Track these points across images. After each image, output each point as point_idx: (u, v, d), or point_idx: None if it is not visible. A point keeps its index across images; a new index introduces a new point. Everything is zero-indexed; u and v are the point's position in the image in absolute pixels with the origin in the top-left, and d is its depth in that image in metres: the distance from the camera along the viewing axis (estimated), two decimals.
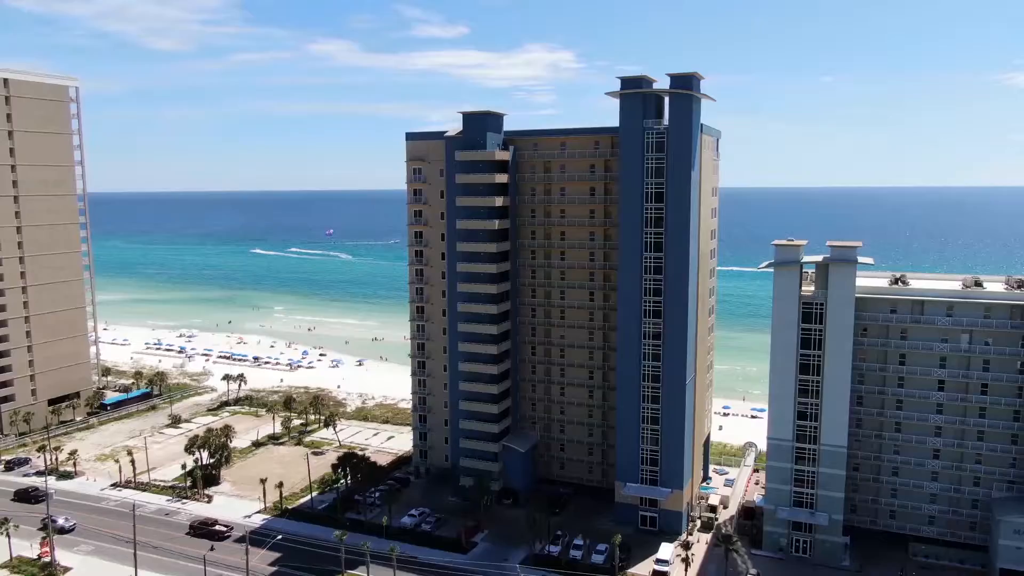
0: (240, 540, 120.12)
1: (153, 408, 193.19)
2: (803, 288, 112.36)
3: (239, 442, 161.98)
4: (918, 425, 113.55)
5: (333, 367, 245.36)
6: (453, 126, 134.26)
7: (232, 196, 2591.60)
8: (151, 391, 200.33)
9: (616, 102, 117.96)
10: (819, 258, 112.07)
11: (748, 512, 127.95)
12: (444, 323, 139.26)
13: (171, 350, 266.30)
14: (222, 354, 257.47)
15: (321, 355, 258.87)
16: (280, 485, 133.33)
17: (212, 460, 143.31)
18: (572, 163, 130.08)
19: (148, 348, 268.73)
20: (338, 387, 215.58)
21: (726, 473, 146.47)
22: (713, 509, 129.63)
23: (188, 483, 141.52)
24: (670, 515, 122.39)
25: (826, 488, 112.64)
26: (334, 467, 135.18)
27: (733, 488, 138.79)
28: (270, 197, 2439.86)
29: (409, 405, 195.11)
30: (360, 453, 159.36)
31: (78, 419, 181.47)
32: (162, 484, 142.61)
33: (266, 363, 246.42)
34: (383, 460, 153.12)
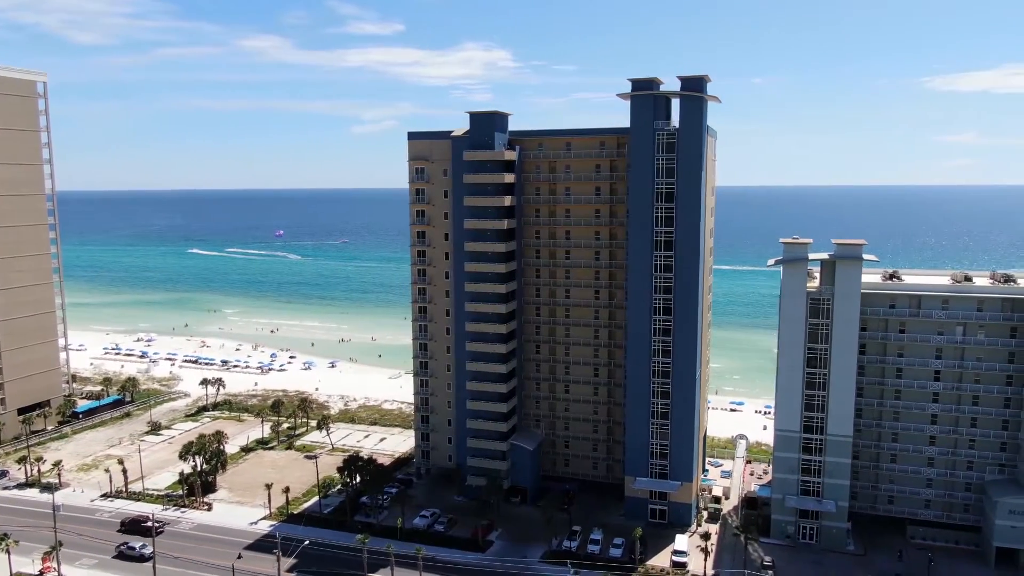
0: (253, 547, 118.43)
1: (127, 415, 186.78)
2: (808, 284, 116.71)
3: (228, 448, 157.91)
4: (915, 414, 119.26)
5: (305, 369, 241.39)
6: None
7: (165, 195, 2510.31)
8: (123, 398, 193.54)
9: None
10: (825, 255, 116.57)
11: (752, 502, 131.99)
12: (448, 323, 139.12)
13: (132, 355, 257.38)
14: (187, 358, 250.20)
15: (291, 358, 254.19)
16: (287, 490, 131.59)
17: (207, 467, 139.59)
18: (577, 163, 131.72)
19: (107, 353, 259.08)
20: (316, 389, 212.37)
21: (720, 465, 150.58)
22: (717, 500, 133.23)
23: (182, 491, 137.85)
24: (680, 507, 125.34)
25: (832, 476, 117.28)
26: (340, 470, 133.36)
27: (731, 479, 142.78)
28: (205, 196, 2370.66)
29: (395, 407, 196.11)
30: (366, 456, 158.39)
31: (49, 428, 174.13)
32: (156, 493, 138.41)
33: (235, 366, 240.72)
34: (382, 462, 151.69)
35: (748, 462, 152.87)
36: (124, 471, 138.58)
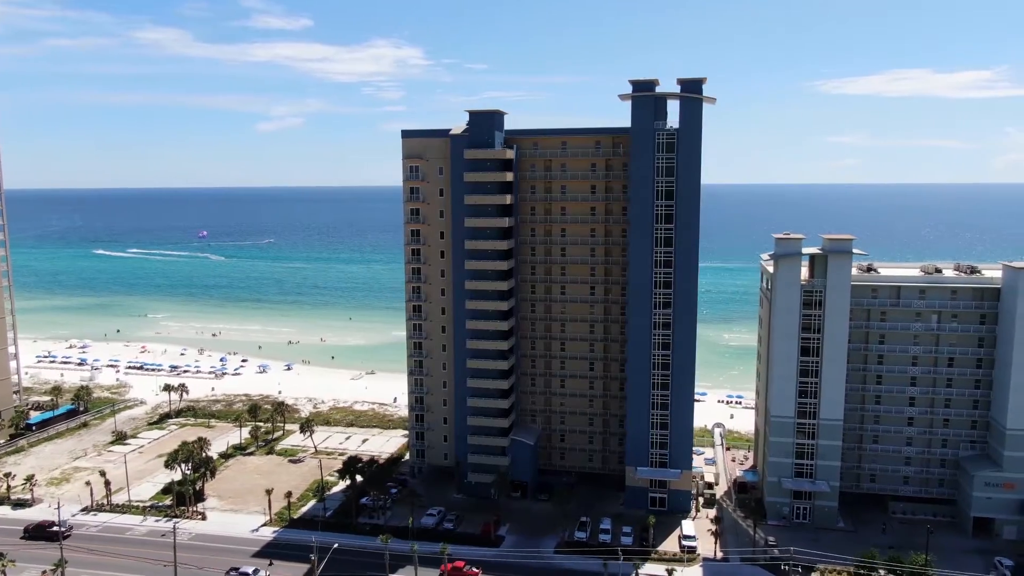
0: (261, 555, 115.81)
1: (85, 425, 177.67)
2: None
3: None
4: (896, 397, 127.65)
5: (261, 373, 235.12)
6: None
7: (57, 194, 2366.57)
8: (77, 407, 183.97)
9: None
10: (815, 249, 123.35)
11: (742, 486, 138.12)
12: (443, 321, 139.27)
13: (69, 362, 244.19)
14: (132, 364, 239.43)
15: (243, 361, 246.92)
16: (289, 495, 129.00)
17: (195, 475, 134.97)
18: (573, 162, 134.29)
19: (41, 361, 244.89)
20: (279, 393, 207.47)
21: (703, 453, 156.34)
22: (710, 486, 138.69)
23: (169, 501, 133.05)
24: (679, 494, 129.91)
25: (824, 458, 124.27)
26: (340, 472, 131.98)
27: (716, 466, 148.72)
28: (102, 195, 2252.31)
29: (366, 408, 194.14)
30: (368, 457, 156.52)
31: (1, 441, 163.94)
32: (141, 505, 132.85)
33: (186, 372, 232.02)
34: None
35: (727, 448, 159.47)
36: (107, 483, 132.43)
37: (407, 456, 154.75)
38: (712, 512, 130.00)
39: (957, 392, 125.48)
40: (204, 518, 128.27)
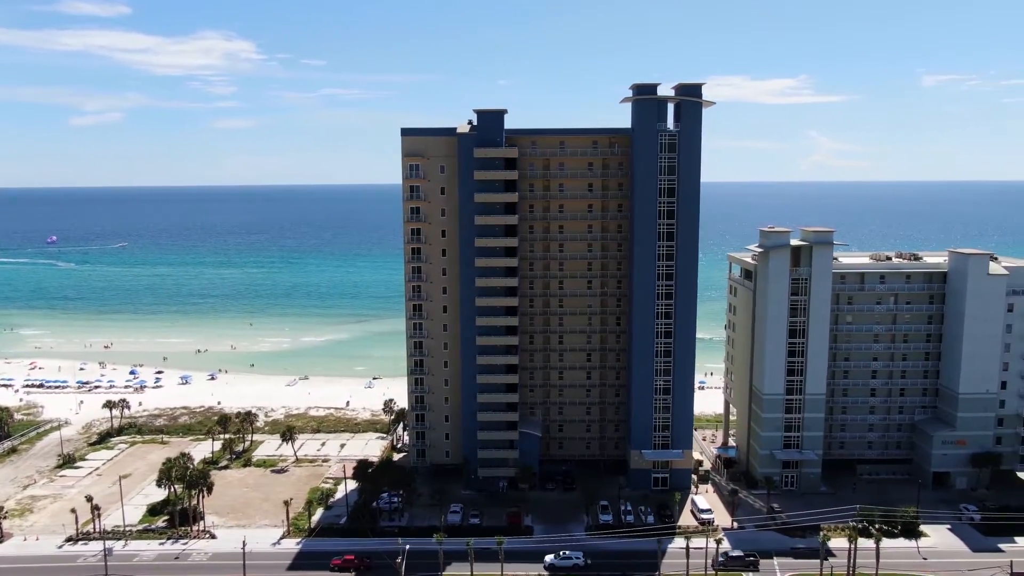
0: (296, 567, 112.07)
1: (14, 451, 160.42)
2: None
3: None
4: (860, 370, 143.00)
5: (184, 384, 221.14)
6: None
7: None
8: None
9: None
10: (797, 241, 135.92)
11: (728, 462, 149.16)
12: (445, 320, 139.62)
13: None
14: (30, 383, 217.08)
15: (159, 373, 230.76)
16: (309, 504, 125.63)
17: (192, 492, 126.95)
18: (571, 161, 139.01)
19: None
20: (219, 403, 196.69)
21: None
22: (700, 464, 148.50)
23: (161, 523, 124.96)
24: (680, 473, 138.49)
25: (810, 430, 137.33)
26: (355, 475, 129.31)
27: (700, 444, 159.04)
28: None
29: (324, 413, 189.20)
30: (335, 463, 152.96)
31: None
32: (133, 529, 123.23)
33: (97, 387, 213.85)
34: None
35: (695, 429, 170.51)
36: (96, 508, 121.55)
37: (396, 457, 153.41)
38: (709, 487, 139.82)
39: (912, 365, 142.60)
40: (213, 536, 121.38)
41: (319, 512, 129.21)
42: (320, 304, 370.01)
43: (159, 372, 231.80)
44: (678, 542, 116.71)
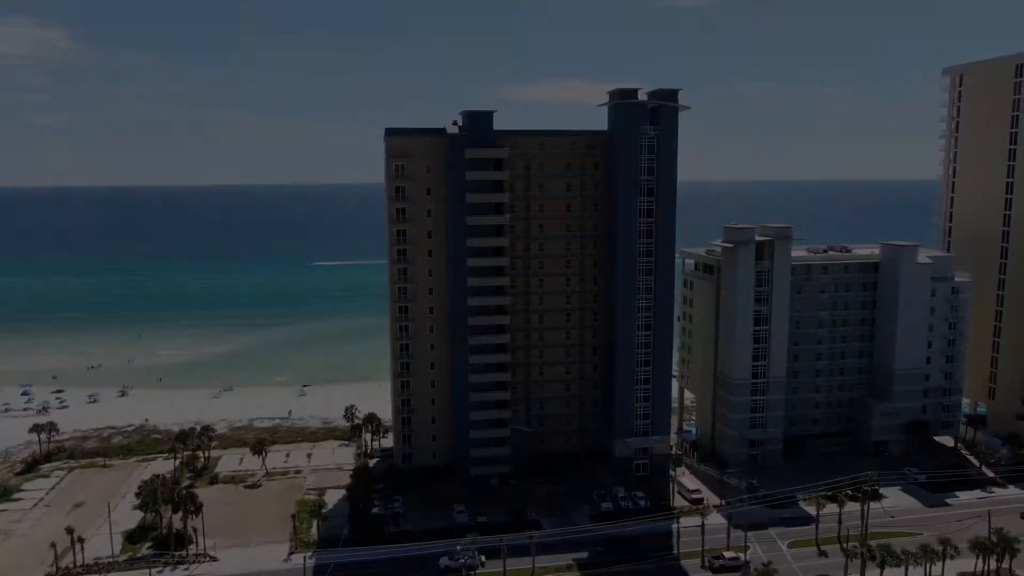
0: None
1: None
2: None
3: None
4: (808, 353, 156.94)
5: (93, 403, 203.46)
6: None
7: None
8: None
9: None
10: (759, 236, 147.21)
11: (694, 444, 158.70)
12: (431, 321, 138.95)
13: None
14: None
15: (58, 392, 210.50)
16: (319, 509, 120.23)
17: (179, 514, 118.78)
18: (550, 161, 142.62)
19: None
20: (147, 420, 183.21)
21: None
22: (671, 447, 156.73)
23: (145, 550, 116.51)
24: (660, 459, 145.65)
25: (774, 410, 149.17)
26: (357, 479, 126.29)
27: None
28: None
29: (270, 424, 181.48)
30: (312, 473, 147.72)
31: None
32: (120, 560, 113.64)
33: None
34: (336, 477, 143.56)
35: None
36: (79, 539, 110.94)
37: (370, 463, 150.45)
38: (684, 469, 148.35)
39: (849, 347, 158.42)
40: (215, 559, 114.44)
41: (313, 524, 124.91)
42: (206, 312, 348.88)
43: (58, 392, 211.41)
44: (683, 521, 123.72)
